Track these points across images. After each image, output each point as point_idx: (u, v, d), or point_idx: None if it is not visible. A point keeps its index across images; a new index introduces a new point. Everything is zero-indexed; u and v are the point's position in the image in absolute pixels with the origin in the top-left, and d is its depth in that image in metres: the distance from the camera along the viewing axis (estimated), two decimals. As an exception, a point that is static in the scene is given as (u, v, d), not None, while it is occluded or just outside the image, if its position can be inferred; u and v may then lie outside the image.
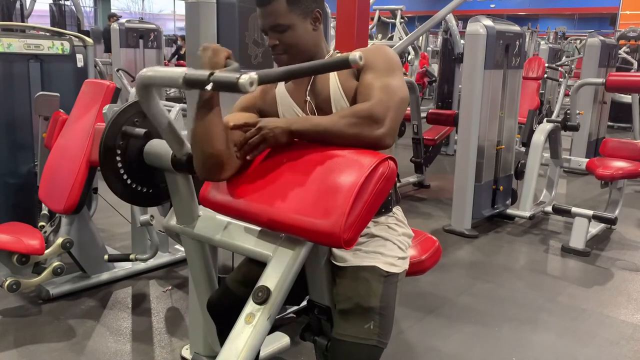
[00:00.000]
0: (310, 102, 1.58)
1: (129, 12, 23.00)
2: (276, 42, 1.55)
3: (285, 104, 1.63)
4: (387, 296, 1.52)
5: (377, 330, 1.47)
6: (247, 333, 1.37)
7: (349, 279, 1.53)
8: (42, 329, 2.69)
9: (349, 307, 1.49)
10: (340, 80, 1.55)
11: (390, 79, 1.48)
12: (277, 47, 1.56)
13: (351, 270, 1.53)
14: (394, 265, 1.57)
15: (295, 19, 1.53)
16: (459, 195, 4.28)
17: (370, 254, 1.56)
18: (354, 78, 1.54)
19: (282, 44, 1.54)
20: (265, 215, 1.43)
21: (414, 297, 3.11)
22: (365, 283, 1.51)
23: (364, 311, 1.48)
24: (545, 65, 6.98)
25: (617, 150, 4.37)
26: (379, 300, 1.49)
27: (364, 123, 1.41)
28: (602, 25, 20.31)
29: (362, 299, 1.49)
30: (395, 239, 1.61)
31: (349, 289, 1.51)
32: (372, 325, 1.46)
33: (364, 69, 1.51)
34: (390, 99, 1.44)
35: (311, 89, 1.59)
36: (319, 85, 1.58)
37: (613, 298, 3.27)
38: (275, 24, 1.53)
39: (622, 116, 9.08)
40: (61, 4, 8.65)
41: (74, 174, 2.81)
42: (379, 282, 1.52)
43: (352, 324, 1.47)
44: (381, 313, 1.49)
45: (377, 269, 1.53)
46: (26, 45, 3.33)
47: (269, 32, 1.56)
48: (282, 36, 1.54)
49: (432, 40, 14.06)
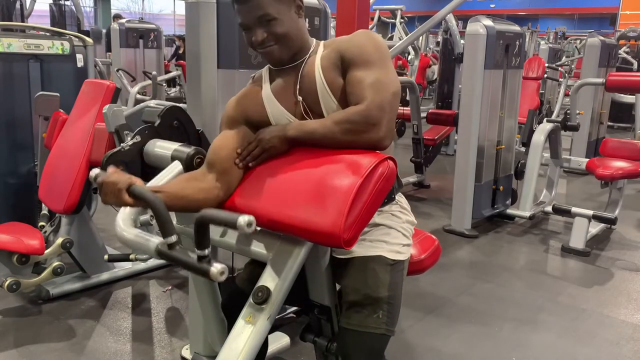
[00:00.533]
0: (302, 102, 1.53)
1: (129, 12, 23.00)
2: (264, 34, 1.48)
3: (275, 109, 1.56)
4: (395, 284, 1.54)
5: (386, 319, 1.49)
6: (247, 333, 1.37)
7: (357, 271, 1.53)
8: (42, 329, 2.69)
9: (358, 299, 1.50)
10: (326, 77, 1.49)
11: (381, 72, 1.44)
12: (266, 39, 1.48)
13: (358, 261, 1.54)
14: (399, 253, 1.58)
15: (281, 8, 1.47)
16: (459, 195, 4.28)
17: (375, 242, 1.55)
18: (339, 73, 1.49)
19: (272, 35, 1.48)
20: (265, 215, 1.43)
21: (414, 297, 3.11)
22: (373, 273, 1.51)
23: (373, 301, 1.49)
24: (545, 65, 6.98)
25: (617, 150, 4.36)
26: (387, 290, 1.51)
27: (360, 129, 1.40)
28: (602, 25, 20.31)
29: (371, 290, 1.50)
30: (399, 227, 1.61)
31: (357, 280, 1.52)
32: (380, 314, 1.49)
33: (351, 64, 1.46)
34: (384, 98, 1.41)
35: (300, 89, 1.53)
36: (307, 84, 1.52)
37: (613, 298, 3.27)
38: (263, 14, 1.45)
39: (622, 116, 9.09)
40: (61, 4, 8.64)
41: (74, 174, 2.81)
42: (386, 271, 1.53)
43: (361, 314, 1.49)
44: (389, 302, 1.51)
45: (383, 258, 1.54)
46: (26, 45, 3.33)
47: (254, 27, 1.48)
48: (270, 27, 1.47)
49: (432, 40, 14.05)
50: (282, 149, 1.49)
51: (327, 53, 1.51)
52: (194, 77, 2.25)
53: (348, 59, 1.47)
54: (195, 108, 2.23)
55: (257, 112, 1.57)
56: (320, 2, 2.61)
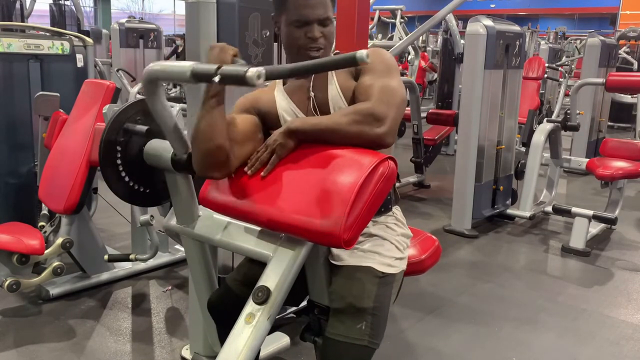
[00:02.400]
0: (313, 99, 1.58)
1: (129, 12, 23.01)
2: (320, 35, 1.54)
3: (285, 106, 1.61)
4: (382, 297, 1.52)
5: (369, 331, 1.46)
6: (247, 333, 1.37)
7: (344, 278, 1.52)
8: (42, 329, 2.69)
9: (342, 307, 1.49)
10: (339, 80, 1.56)
11: (389, 80, 1.49)
12: (318, 41, 1.54)
13: (347, 270, 1.53)
14: (391, 266, 1.56)
15: (330, 13, 1.55)
16: (459, 195, 4.28)
17: (367, 253, 1.55)
18: (352, 79, 1.55)
19: (324, 38, 1.55)
20: (265, 215, 1.43)
21: (414, 297, 3.11)
22: (359, 283, 1.50)
23: (357, 311, 1.47)
24: (545, 65, 6.98)
25: (617, 150, 4.37)
26: (373, 301, 1.48)
27: (366, 121, 1.41)
28: (602, 25, 20.30)
29: (355, 299, 1.48)
30: (393, 239, 1.60)
31: (343, 288, 1.51)
32: (363, 325, 1.46)
33: (363, 71, 1.52)
34: (391, 99, 1.45)
35: (313, 87, 1.59)
36: (319, 85, 1.58)
37: (613, 298, 3.27)
38: (325, 15, 1.53)
39: (622, 116, 9.09)
40: (61, 4, 8.64)
41: (74, 174, 2.81)
42: (374, 283, 1.51)
43: (344, 323, 1.47)
44: (374, 314, 1.48)
45: (373, 269, 1.52)
46: (26, 45, 3.33)
47: (314, 24, 1.53)
48: (325, 30, 1.54)
49: (432, 40, 14.04)
50: (289, 145, 1.47)
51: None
52: (194, 77, 2.25)
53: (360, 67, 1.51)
54: (195, 108, 2.23)
55: (269, 108, 1.62)
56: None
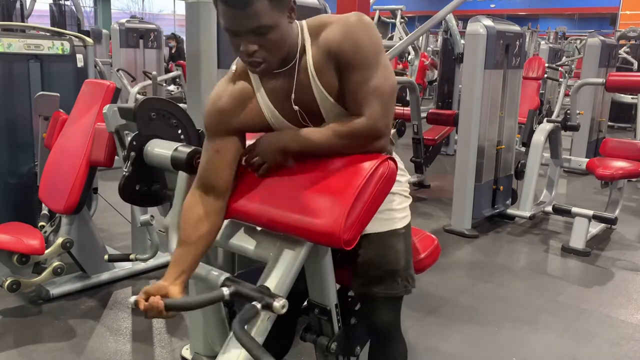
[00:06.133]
0: (299, 111, 1.45)
1: (129, 12, 22.99)
2: (255, 47, 1.30)
3: (274, 118, 1.48)
4: (408, 248, 1.63)
5: (406, 283, 1.61)
6: (247, 333, 1.37)
7: (375, 248, 1.57)
8: (42, 329, 2.69)
9: (380, 274, 1.58)
10: (321, 81, 1.40)
11: (377, 74, 1.37)
12: (256, 53, 1.32)
13: (375, 239, 1.57)
14: (406, 217, 1.65)
15: (276, 17, 1.29)
16: (459, 195, 4.28)
17: (384, 212, 1.56)
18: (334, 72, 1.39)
19: (263, 48, 1.31)
20: (265, 215, 1.43)
21: (414, 297, 3.07)
22: (391, 250, 1.59)
23: (394, 273, 1.59)
24: (545, 65, 6.97)
25: (617, 150, 4.36)
26: (404, 257, 1.61)
27: (363, 142, 1.41)
28: (602, 25, 20.30)
29: (390, 265, 1.58)
30: (400, 189, 1.66)
31: (378, 256, 1.58)
32: (399, 280, 1.60)
33: (348, 66, 1.37)
34: (384, 105, 1.39)
35: (296, 97, 1.43)
36: (303, 91, 1.42)
37: (613, 298, 3.27)
38: (258, 25, 1.27)
39: (622, 116, 9.08)
40: (61, 4, 8.63)
41: (74, 174, 2.81)
42: (400, 241, 1.60)
43: (384, 282, 1.58)
44: (407, 266, 1.62)
45: (396, 231, 1.60)
46: (26, 45, 3.32)
47: (244, 35, 1.30)
48: (262, 39, 1.30)
49: (432, 40, 14.04)
50: (284, 161, 1.47)
51: (319, 53, 1.40)
52: (194, 77, 2.25)
53: (344, 61, 1.37)
54: (195, 108, 2.23)
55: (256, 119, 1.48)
56: (320, 2, 2.61)
